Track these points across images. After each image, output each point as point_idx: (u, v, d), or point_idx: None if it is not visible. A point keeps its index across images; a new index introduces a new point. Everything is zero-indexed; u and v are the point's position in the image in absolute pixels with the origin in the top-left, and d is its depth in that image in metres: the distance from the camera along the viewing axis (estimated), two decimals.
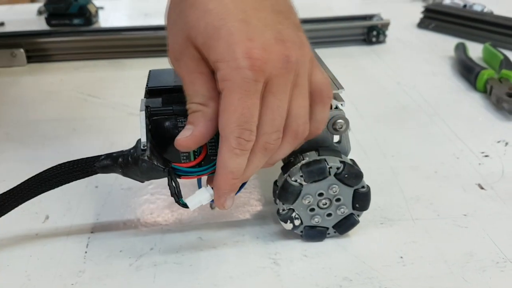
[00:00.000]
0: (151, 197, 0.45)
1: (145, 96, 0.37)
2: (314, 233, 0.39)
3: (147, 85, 0.38)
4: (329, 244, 0.39)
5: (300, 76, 0.33)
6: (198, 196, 0.35)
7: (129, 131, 0.36)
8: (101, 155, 0.35)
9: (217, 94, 0.32)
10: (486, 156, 0.51)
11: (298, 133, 0.34)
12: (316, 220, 0.39)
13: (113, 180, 0.47)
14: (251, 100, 0.31)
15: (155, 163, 0.34)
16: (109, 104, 0.63)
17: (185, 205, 0.35)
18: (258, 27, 0.31)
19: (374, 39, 0.82)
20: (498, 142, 0.54)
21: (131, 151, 0.34)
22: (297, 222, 0.38)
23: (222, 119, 0.32)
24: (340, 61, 0.77)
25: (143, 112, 0.35)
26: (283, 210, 0.38)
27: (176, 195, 0.34)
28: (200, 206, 0.35)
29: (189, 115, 0.33)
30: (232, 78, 0.30)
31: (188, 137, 0.33)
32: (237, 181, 0.34)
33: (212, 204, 0.44)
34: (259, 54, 0.30)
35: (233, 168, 0.33)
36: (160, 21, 0.92)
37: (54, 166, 0.35)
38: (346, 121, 0.37)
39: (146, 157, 0.33)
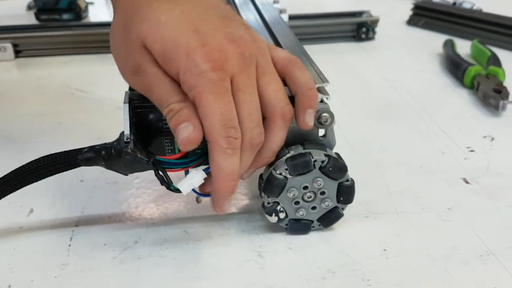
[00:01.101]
0: (136, 191, 0.45)
1: (130, 89, 0.37)
2: (299, 226, 0.39)
3: None
4: (314, 237, 0.40)
5: (263, 66, 0.34)
6: (189, 179, 0.35)
7: (116, 125, 0.36)
8: (84, 148, 0.35)
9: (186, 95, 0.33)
10: (472, 151, 0.52)
11: (284, 115, 0.35)
12: (301, 213, 0.39)
13: (99, 174, 0.47)
14: (224, 98, 0.32)
15: (139, 155, 0.34)
16: (97, 99, 0.63)
17: (177, 190, 0.34)
18: (209, 34, 0.33)
19: (363, 36, 0.82)
20: (484, 137, 0.55)
21: (114, 143, 0.34)
22: (282, 215, 0.39)
23: (205, 125, 0.32)
24: (329, 57, 0.78)
25: (127, 105, 0.35)
26: (268, 203, 0.38)
27: (166, 182, 0.34)
28: (192, 190, 0.35)
29: (177, 115, 0.32)
30: (199, 84, 0.31)
31: (192, 133, 0.32)
32: (235, 182, 0.34)
33: (198, 198, 0.44)
34: (217, 55, 0.32)
35: (229, 169, 0.33)
36: None
37: (36, 159, 0.35)
38: (331, 115, 0.38)
39: (129, 150, 0.33)
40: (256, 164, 0.36)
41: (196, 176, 0.35)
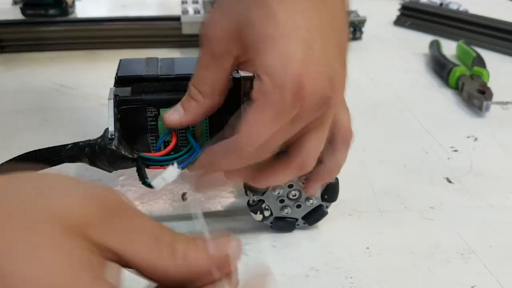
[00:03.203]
0: (121, 188, 0.45)
1: (115, 85, 0.37)
2: (284, 224, 0.40)
3: (116, 74, 0.37)
4: (298, 235, 0.40)
5: (326, 114, 0.31)
6: (162, 174, 0.34)
7: (102, 122, 0.36)
8: (68, 144, 0.35)
9: (221, 92, 0.32)
10: (455, 151, 0.52)
11: (304, 167, 0.33)
12: (286, 211, 0.39)
13: (83, 171, 0.46)
14: (279, 124, 0.29)
15: (123, 152, 0.33)
16: (82, 95, 0.62)
17: (150, 185, 0.33)
18: (317, 56, 0.29)
19: (350, 36, 0.83)
20: (468, 137, 0.55)
21: (98, 140, 0.34)
22: (267, 213, 0.39)
23: (245, 131, 0.29)
24: None
25: (111, 101, 0.34)
26: (253, 201, 0.38)
27: (142, 176, 0.34)
28: (166, 184, 0.34)
29: (185, 97, 0.33)
30: (270, 96, 0.28)
31: (174, 122, 0.33)
32: (252, 149, 0.30)
33: (184, 195, 0.44)
34: (309, 85, 0.28)
35: (261, 132, 0.30)
36: (138, 12, 0.91)
37: (19, 155, 0.35)
38: None
39: (113, 146, 0.33)
40: (248, 178, 0.35)
41: (170, 171, 0.34)
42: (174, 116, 0.33)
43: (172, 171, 0.34)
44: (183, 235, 0.24)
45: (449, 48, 0.77)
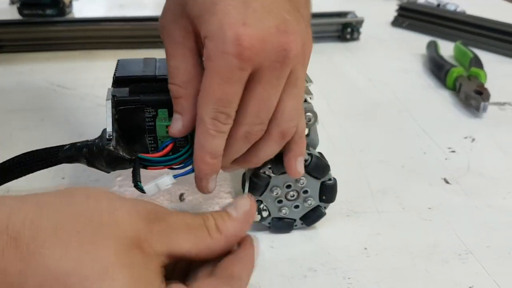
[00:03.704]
0: (119, 189, 0.45)
1: (113, 86, 0.37)
2: (282, 225, 0.40)
3: (114, 74, 0.37)
4: (296, 236, 0.40)
5: (297, 77, 0.31)
6: (156, 181, 0.34)
7: (98, 122, 0.35)
8: (66, 145, 0.34)
9: (197, 73, 0.31)
10: (453, 151, 0.53)
11: (286, 135, 0.33)
12: (284, 212, 0.39)
13: (81, 172, 0.46)
14: (231, 87, 0.29)
15: (121, 153, 0.33)
16: (79, 95, 0.62)
17: (142, 189, 0.34)
18: (258, 12, 0.28)
19: (348, 36, 0.83)
20: (465, 138, 0.55)
21: (96, 140, 0.34)
22: (265, 214, 0.39)
23: (200, 98, 0.30)
24: (314, 57, 0.76)
25: (109, 101, 0.34)
26: None
27: (135, 179, 0.33)
28: (157, 191, 0.34)
29: (173, 101, 0.33)
30: (216, 60, 0.29)
31: (180, 130, 0.33)
32: (216, 162, 0.32)
33: (181, 196, 0.44)
34: (250, 43, 0.28)
35: (209, 149, 0.31)
36: (136, 12, 0.91)
37: (17, 156, 0.35)
38: (315, 114, 0.38)
39: (111, 147, 0.33)
40: (239, 163, 0.36)
41: (164, 179, 0.34)
42: (176, 125, 0.33)
43: (166, 180, 0.34)
44: (206, 212, 0.28)
45: (447, 48, 0.77)
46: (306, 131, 0.39)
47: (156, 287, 0.24)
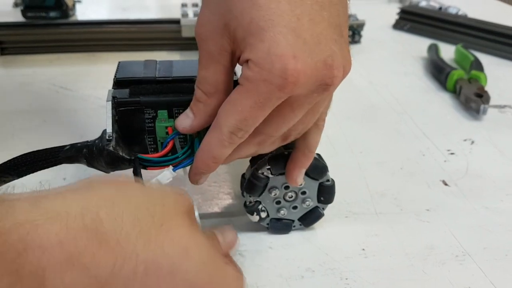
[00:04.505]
0: None
1: (113, 87, 0.37)
2: (280, 226, 0.40)
3: (115, 76, 0.38)
4: (294, 237, 0.40)
5: (323, 100, 0.32)
6: (157, 176, 0.34)
7: (100, 123, 0.36)
8: (66, 145, 0.35)
9: (225, 88, 0.32)
10: (452, 153, 0.53)
11: (286, 140, 0.34)
12: (282, 213, 0.39)
13: (82, 172, 0.46)
14: (262, 112, 0.29)
15: (120, 153, 0.34)
16: (81, 97, 0.63)
17: None
18: (308, 44, 0.28)
19: (349, 39, 0.83)
20: (465, 140, 0.56)
21: (96, 141, 0.34)
22: (263, 215, 0.39)
23: (225, 108, 0.30)
24: None
25: (109, 103, 0.35)
26: (250, 202, 0.38)
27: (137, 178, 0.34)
28: None
29: (193, 101, 0.33)
30: (256, 85, 0.28)
31: (186, 128, 0.33)
32: (217, 165, 0.33)
33: None
34: (297, 78, 0.27)
35: (216, 155, 0.32)
36: (138, 15, 0.91)
37: (18, 156, 0.35)
38: None
39: (111, 148, 0.34)
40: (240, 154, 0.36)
41: (164, 173, 0.34)
42: (185, 121, 0.34)
43: (167, 174, 0.34)
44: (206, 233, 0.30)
45: (447, 51, 0.77)
46: None
47: (222, 257, 0.28)
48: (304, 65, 0.27)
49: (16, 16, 0.93)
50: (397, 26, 0.93)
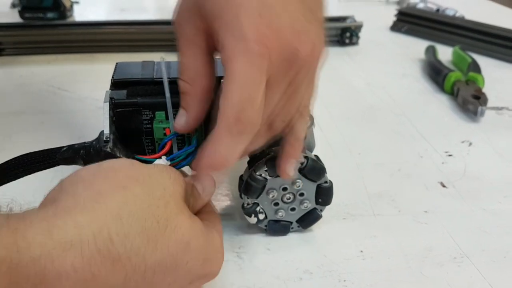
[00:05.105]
0: None
1: (111, 88, 0.37)
2: (278, 227, 0.40)
3: (113, 77, 0.38)
4: (292, 238, 0.40)
5: (302, 79, 0.31)
6: None
7: (98, 124, 0.36)
8: (63, 147, 0.35)
9: (206, 72, 0.32)
10: (450, 155, 0.53)
11: (271, 128, 0.34)
12: (280, 215, 0.39)
13: None
14: (261, 75, 0.28)
15: (118, 154, 0.34)
16: (79, 98, 0.63)
17: None
18: (274, 9, 0.28)
19: (347, 41, 0.83)
20: (462, 142, 0.56)
21: (94, 142, 0.34)
22: (261, 216, 0.39)
23: (221, 102, 0.29)
24: None
25: (107, 104, 0.35)
26: (248, 204, 0.38)
27: None
28: None
29: (181, 97, 0.33)
30: (237, 50, 0.28)
31: (184, 126, 0.34)
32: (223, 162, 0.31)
33: None
34: (266, 31, 0.28)
35: (225, 157, 0.30)
36: (136, 16, 0.91)
37: (15, 157, 0.35)
38: (311, 118, 0.38)
39: (108, 149, 0.33)
40: None
41: (158, 161, 0.34)
42: (180, 119, 0.34)
43: (161, 162, 0.34)
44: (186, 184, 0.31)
45: (445, 53, 0.77)
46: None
47: (206, 228, 0.30)
48: (271, 22, 0.28)
49: (13, 17, 0.93)
50: (395, 28, 0.93)
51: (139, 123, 0.36)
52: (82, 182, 0.26)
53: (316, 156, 0.39)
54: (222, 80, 0.33)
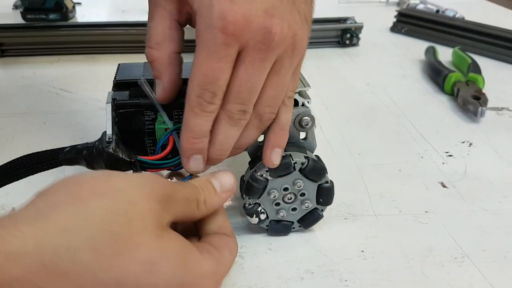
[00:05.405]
0: None
1: (113, 89, 0.38)
2: (279, 227, 0.40)
3: (115, 78, 0.38)
4: (294, 238, 0.40)
5: (281, 64, 0.32)
6: None
7: (100, 125, 0.36)
8: (66, 147, 0.35)
9: (172, 36, 0.33)
10: (450, 156, 0.53)
11: (261, 119, 0.34)
12: (281, 215, 0.39)
13: None
14: (217, 63, 0.30)
15: (120, 155, 0.34)
16: (81, 99, 0.63)
17: None
18: None
19: (347, 42, 0.83)
20: (463, 142, 0.56)
21: (96, 143, 0.35)
22: (262, 216, 0.39)
23: (190, 75, 0.31)
24: (314, 62, 0.78)
25: (109, 105, 0.35)
26: (249, 204, 0.39)
27: None
28: None
29: (151, 65, 0.34)
30: (203, 36, 0.30)
31: (162, 94, 0.34)
32: (199, 141, 0.33)
33: None
34: (235, 18, 0.29)
35: (192, 127, 0.32)
36: (137, 17, 0.92)
37: (17, 158, 0.35)
38: (312, 118, 0.38)
39: (111, 150, 0.34)
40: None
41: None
42: (158, 90, 0.34)
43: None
44: (196, 182, 0.32)
45: (445, 54, 0.78)
46: (303, 135, 0.40)
47: (191, 250, 0.28)
48: (241, 7, 0.29)
49: (16, 18, 0.93)
50: (395, 28, 0.93)
51: (141, 124, 0.36)
52: (45, 194, 0.26)
53: (317, 156, 0.39)
54: None
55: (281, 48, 0.31)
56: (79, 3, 1.03)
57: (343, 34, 0.84)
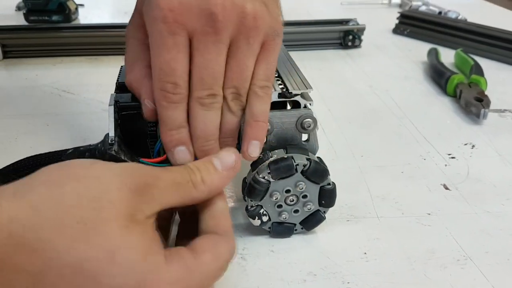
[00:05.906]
0: None
1: (116, 91, 0.38)
2: (282, 229, 0.40)
3: (117, 80, 0.38)
4: (296, 240, 0.40)
5: (237, 45, 0.32)
6: None
7: (103, 127, 0.36)
8: (69, 149, 0.35)
9: (145, 54, 0.33)
10: (453, 157, 0.53)
11: (228, 101, 0.34)
12: (284, 217, 0.39)
13: None
14: (168, 54, 0.31)
15: (122, 157, 0.34)
16: (84, 100, 0.63)
17: None
18: None
19: (349, 43, 0.84)
20: (465, 144, 0.56)
21: (99, 145, 0.35)
22: (265, 218, 0.39)
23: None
24: (316, 64, 0.79)
25: (112, 107, 0.35)
26: (252, 206, 0.39)
27: None
28: None
29: (132, 93, 0.36)
30: (150, 32, 0.31)
31: (147, 112, 0.34)
32: (175, 133, 0.33)
33: None
34: (171, 5, 0.29)
35: (165, 120, 0.33)
36: None
37: (20, 159, 0.35)
38: (314, 120, 0.38)
39: (113, 151, 0.34)
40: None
41: None
42: (143, 110, 0.34)
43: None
44: (192, 163, 0.31)
45: (447, 56, 0.78)
46: (306, 137, 0.40)
47: (155, 251, 0.26)
48: (181, 2, 0.30)
49: (18, 19, 0.94)
50: (397, 30, 0.93)
51: (143, 126, 0.36)
52: (32, 175, 0.26)
53: (319, 158, 0.39)
54: None
55: (230, 27, 0.31)
56: (82, 5, 1.03)
57: (345, 36, 0.84)
